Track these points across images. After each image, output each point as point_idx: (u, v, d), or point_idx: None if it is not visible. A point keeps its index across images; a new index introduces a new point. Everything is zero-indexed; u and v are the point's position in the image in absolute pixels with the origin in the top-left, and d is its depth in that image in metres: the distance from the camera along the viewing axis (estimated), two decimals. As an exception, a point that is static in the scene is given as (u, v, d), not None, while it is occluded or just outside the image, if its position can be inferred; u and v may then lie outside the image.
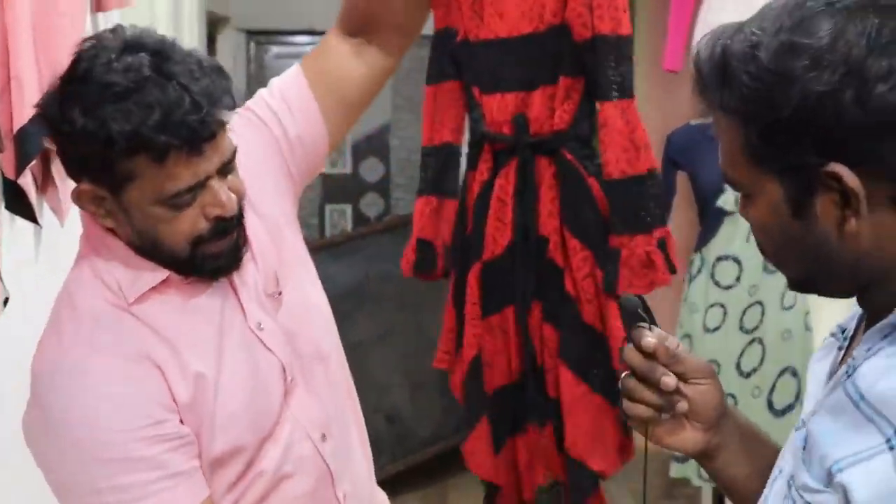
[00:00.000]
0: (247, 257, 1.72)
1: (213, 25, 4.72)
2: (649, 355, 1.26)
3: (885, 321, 1.03)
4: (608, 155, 2.03)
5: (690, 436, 1.33)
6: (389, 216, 6.02)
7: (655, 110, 4.84)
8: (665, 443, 1.35)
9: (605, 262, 2.06)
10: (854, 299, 1.17)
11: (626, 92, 2.13)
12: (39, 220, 2.17)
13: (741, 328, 3.81)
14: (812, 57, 0.97)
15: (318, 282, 1.92)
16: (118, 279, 1.62)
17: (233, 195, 1.59)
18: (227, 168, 1.57)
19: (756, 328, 3.79)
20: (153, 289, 1.62)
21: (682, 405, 1.29)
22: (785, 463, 1.17)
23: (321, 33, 5.29)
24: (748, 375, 3.83)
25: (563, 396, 2.07)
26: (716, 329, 3.85)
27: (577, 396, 2.06)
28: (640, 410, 1.30)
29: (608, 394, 2.06)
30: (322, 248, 4.61)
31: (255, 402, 1.67)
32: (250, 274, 1.73)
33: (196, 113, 1.46)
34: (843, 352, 1.20)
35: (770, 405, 3.78)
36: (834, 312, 3.89)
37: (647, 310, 1.33)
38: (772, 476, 1.21)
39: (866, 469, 0.96)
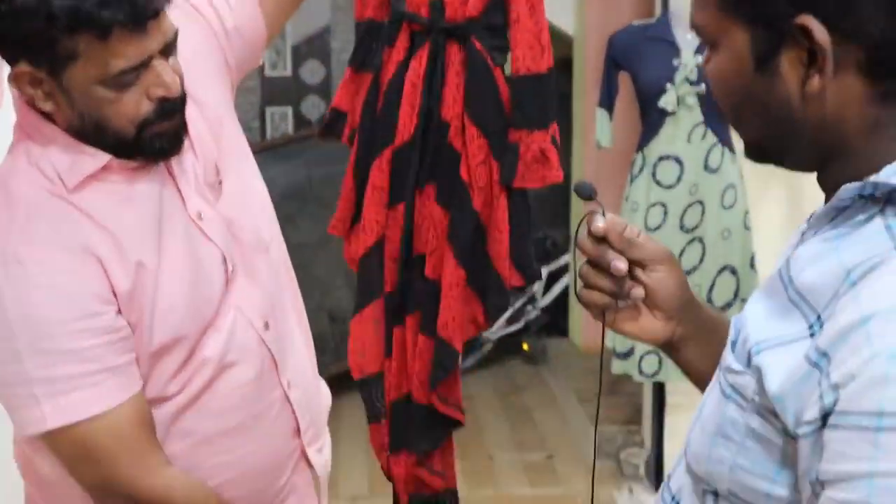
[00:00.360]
0: (186, 146, 1.70)
1: None
2: (602, 240, 1.26)
3: (829, 204, 1.02)
4: (517, 51, 2.01)
5: (651, 324, 1.32)
6: (330, 118, 6.03)
7: (597, 12, 5.05)
8: (624, 330, 1.35)
9: (502, 153, 2.05)
10: (786, 181, 1.26)
11: None
12: None
13: (681, 227, 3.83)
14: None
15: (258, 172, 1.90)
16: (56, 166, 1.60)
17: (176, 76, 1.59)
18: (169, 49, 1.57)
19: (696, 227, 3.82)
20: (92, 176, 1.60)
21: (638, 291, 1.28)
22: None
23: None
24: (688, 273, 3.76)
25: (443, 279, 2.07)
26: (657, 228, 3.85)
27: (454, 282, 2.06)
28: (596, 297, 1.30)
29: (478, 285, 2.06)
30: (263, 151, 4.62)
31: (196, 291, 1.66)
32: (189, 163, 1.71)
33: (147, 3, 1.48)
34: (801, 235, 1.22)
35: (709, 302, 3.73)
36: (773, 212, 4.03)
37: (593, 198, 1.33)
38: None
39: (781, 354, 0.96)
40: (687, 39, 3.80)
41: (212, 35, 1.85)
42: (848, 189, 0.97)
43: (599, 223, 1.26)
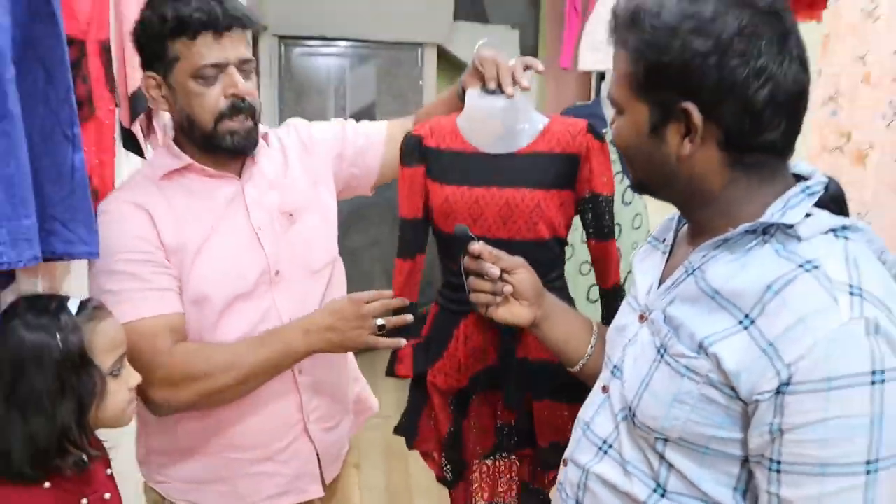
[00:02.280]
0: (272, 182, 1.80)
1: (254, 33, 4.75)
2: (478, 259, 1.44)
3: (716, 238, 1.13)
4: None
5: (519, 311, 1.47)
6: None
7: (557, 97, 5.30)
8: (502, 317, 1.47)
9: None
10: (671, 212, 1.32)
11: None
12: (145, 154, 2.25)
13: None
14: (696, 25, 1.06)
15: (334, 233, 1.90)
16: (157, 161, 1.77)
17: (249, 86, 1.68)
18: (244, 66, 1.68)
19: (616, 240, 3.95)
20: (175, 171, 1.73)
21: (508, 288, 1.44)
22: (632, 339, 1.25)
23: (332, 39, 5.28)
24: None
25: None
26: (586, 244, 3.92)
27: None
28: (481, 297, 1.46)
29: None
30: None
31: (229, 280, 1.71)
32: (268, 194, 1.79)
33: (219, 6, 1.61)
34: (667, 256, 1.29)
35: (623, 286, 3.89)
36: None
37: (470, 237, 1.46)
38: (618, 345, 1.29)
39: (730, 344, 1.06)
40: (611, 115, 4.12)
41: (339, 145, 1.96)
42: (742, 228, 1.09)
43: (475, 246, 1.44)
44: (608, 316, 1.72)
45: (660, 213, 4.02)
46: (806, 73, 1.10)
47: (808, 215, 1.10)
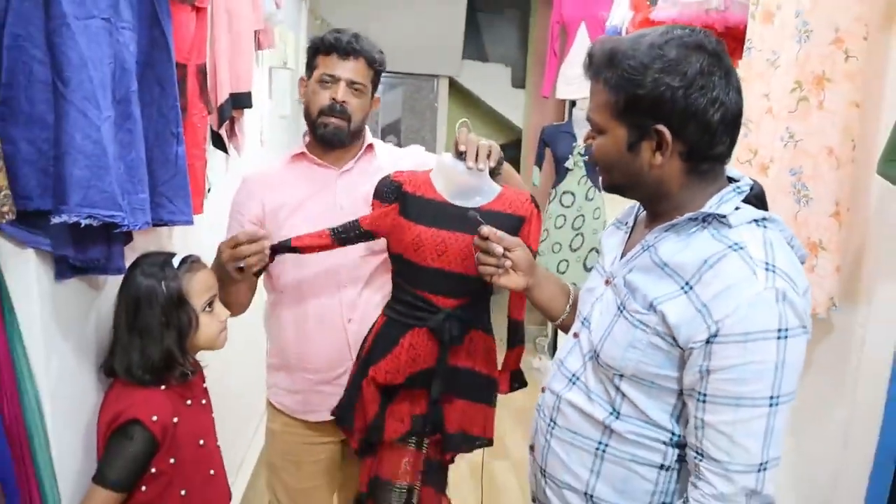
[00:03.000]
0: (362, 181, 1.74)
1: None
2: (486, 239, 1.40)
3: (667, 223, 1.12)
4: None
5: (516, 279, 1.42)
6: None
7: (538, 117, 5.33)
8: (504, 284, 1.41)
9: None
10: (623, 206, 1.31)
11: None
12: (228, 151, 2.30)
13: (572, 227, 4.06)
14: (666, 65, 1.05)
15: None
16: (293, 150, 1.82)
17: (348, 96, 1.70)
18: (353, 85, 1.71)
19: (580, 228, 4.03)
20: (295, 157, 1.79)
21: (508, 262, 1.40)
22: (599, 297, 1.23)
23: None
24: (575, 251, 4.05)
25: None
26: (559, 227, 4.08)
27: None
28: (488, 269, 1.41)
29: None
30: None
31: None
32: (356, 186, 1.76)
33: (353, 40, 1.69)
34: (628, 235, 1.27)
35: (584, 266, 3.94)
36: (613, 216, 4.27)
37: (480, 221, 1.43)
38: (587, 302, 1.27)
39: (673, 304, 1.07)
40: (580, 133, 3.98)
41: None
42: (687, 216, 1.09)
43: (484, 229, 1.39)
44: (512, 338, 1.75)
45: (613, 207, 4.05)
46: (741, 99, 1.11)
47: (737, 208, 1.11)
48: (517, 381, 1.78)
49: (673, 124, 1.07)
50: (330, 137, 1.72)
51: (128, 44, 1.25)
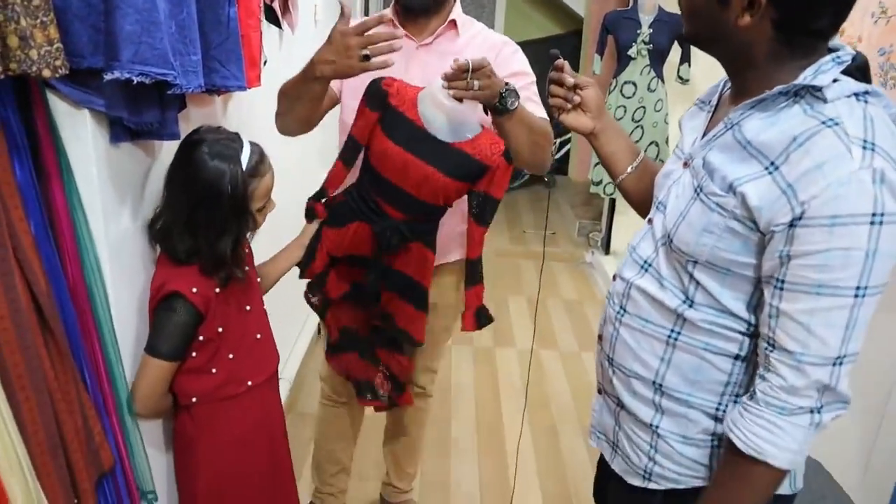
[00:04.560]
0: (438, 53, 1.74)
1: None
2: (559, 70, 1.38)
3: (754, 98, 1.05)
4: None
5: (584, 120, 1.38)
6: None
7: (600, 3, 5.22)
8: (570, 123, 1.38)
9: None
10: (689, 105, 1.27)
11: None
12: (282, 26, 2.26)
13: (633, 119, 4.16)
14: None
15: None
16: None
17: None
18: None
19: (640, 119, 4.14)
20: (384, 23, 1.70)
21: (577, 98, 1.37)
22: (676, 180, 1.18)
23: None
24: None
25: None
26: (619, 119, 4.12)
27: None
28: (557, 101, 1.38)
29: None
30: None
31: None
32: (430, 60, 1.76)
33: None
34: (711, 114, 1.20)
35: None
36: (677, 117, 4.29)
37: (558, 55, 1.40)
38: (664, 187, 1.21)
39: (755, 185, 1.00)
40: (645, 20, 4.06)
41: None
42: (777, 90, 1.01)
43: (559, 61, 1.37)
44: (469, 277, 1.77)
45: (675, 100, 4.05)
46: None
47: (835, 80, 1.00)
48: (483, 317, 1.80)
49: None
50: (409, 3, 1.68)
51: None
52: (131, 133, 1.29)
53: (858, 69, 1.04)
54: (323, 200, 1.75)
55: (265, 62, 1.90)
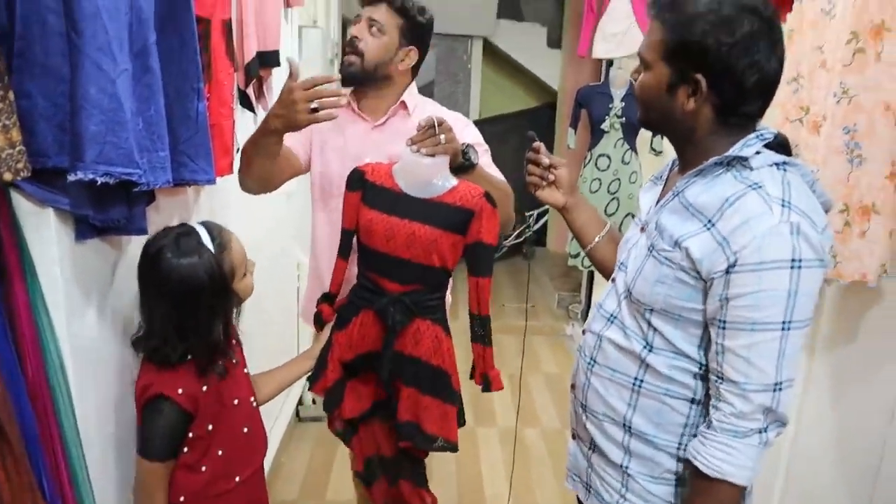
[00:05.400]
0: (392, 158, 1.74)
1: (345, 24, 4.70)
2: (536, 152, 1.49)
3: (695, 169, 1.19)
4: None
5: (557, 195, 1.49)
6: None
7: (573, 78, 5.40)
8: (545, 198, 1.50)
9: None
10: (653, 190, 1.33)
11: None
12: (255, 111, 2.20)
13: (608, 191, 4.19)
14: (720, 20, 1.09)
15: None
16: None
17: (363, 32, 1.77)
18: (371, 24, 1.78)
19: (616, 192, 4.18)
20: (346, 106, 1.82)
21: (551, 176, 1.48)
22: (634, 244, 1.30)
23: None
24: (610, 215, 4.13)
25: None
26: (595, 192, 4.18)
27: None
28: (533, 179, 1.50)
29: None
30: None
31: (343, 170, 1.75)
32: (379, 140, 1.83)
33: None
34: (661, 187, 1.33)
35: (620, 231, 4.01)
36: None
37: (534, 138, 1.50)
38: (624, 250, 1.34)
39: (696, 240, 1.13)
40: (617, 94, 4.13)
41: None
42: (713, 160, 1.16)
43: (536, 144, 1.48)
44: (475, 334, 1.72)
45: (650, 170, 4.15)
46: (781, 68, 1.15)
47: (758, 153, 1.16)
48: (485, 383, 1.74)
49: (710, 76, 1.13)
50: (343, 72, 1.77)
51: (145, -7, 1.21)
52: (98, 229, 1.28)
53: (780, 145, 1.20)
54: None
55: (238, 149, 1.90)
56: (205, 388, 1.42)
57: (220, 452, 1.47)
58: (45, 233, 1.18)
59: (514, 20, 6.41)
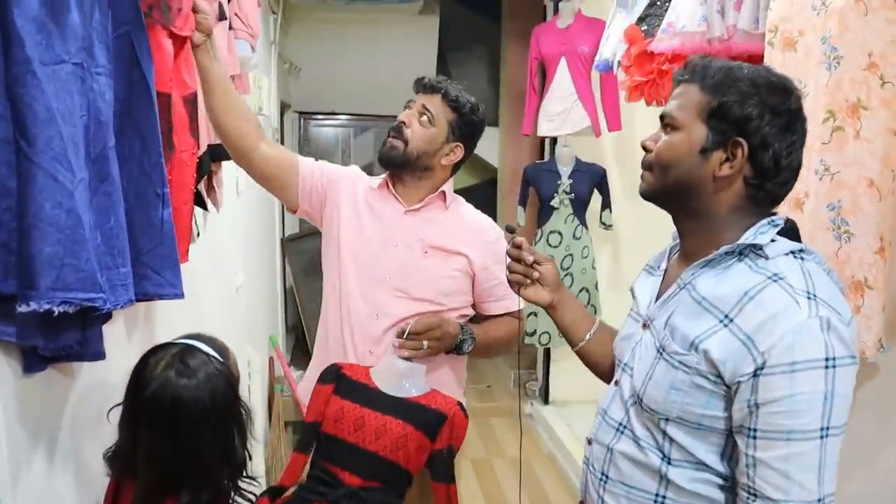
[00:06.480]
0: (421, 243, 1.78)
1: (283, 108, 4.84)
2: (518, 248, 1.42)
3: (702, 259, 1.14)
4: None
5: (542, 293, 1.43)
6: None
7: (514, 155, 5.41)
8: (529, 297, 1.43)
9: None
10: (608, 247, 1.58)
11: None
12: (207, 207, 2.14)
13: (561, 267, 4.08)
14: (771, 92, 1.09)
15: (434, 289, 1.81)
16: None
17: (412, 119, 1.78)
18: (422, 113, 1.78)
19: (569, 268, 4.10)
20: (380, 184, 1.84)
21: (536, 274, 1.42)
22: (638, 342, 1.23)
23: (339, 113, 5.55)
24: None
25: None
26: None
27: None
28: (516, 278, 1.43)
29: None
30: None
31: (360, 257, 1.79)
32: (416, 226, 1.80)
33: (434, 82, 1.78)
34: (660, 277, 1.27)
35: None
36: (603, 264, 4.26)
37: (514, 232, 1.46)
38: (626, 349, 1.27)
39: (715, 340, 1.06)
40: (564, 171, 4.09)
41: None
42: (723, 250, 1.11)
43: (517, 239, 1.42)
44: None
45: (601, 246, 4.09)
46: (801, 155, 1.15)
47: (772, 240, 1.11)
48: None
49: (752, 145, 1.09)
50: (383, 154, 1.78)
51: (103, 92, 1.08)
52: (48, 358, 1.10)
53: (790, 230, 1.14)
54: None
55: (198, 234, 1.88)
56: None
57: None
58: (-15, 371, 1.00)
59: (452, 101, 6.44)
